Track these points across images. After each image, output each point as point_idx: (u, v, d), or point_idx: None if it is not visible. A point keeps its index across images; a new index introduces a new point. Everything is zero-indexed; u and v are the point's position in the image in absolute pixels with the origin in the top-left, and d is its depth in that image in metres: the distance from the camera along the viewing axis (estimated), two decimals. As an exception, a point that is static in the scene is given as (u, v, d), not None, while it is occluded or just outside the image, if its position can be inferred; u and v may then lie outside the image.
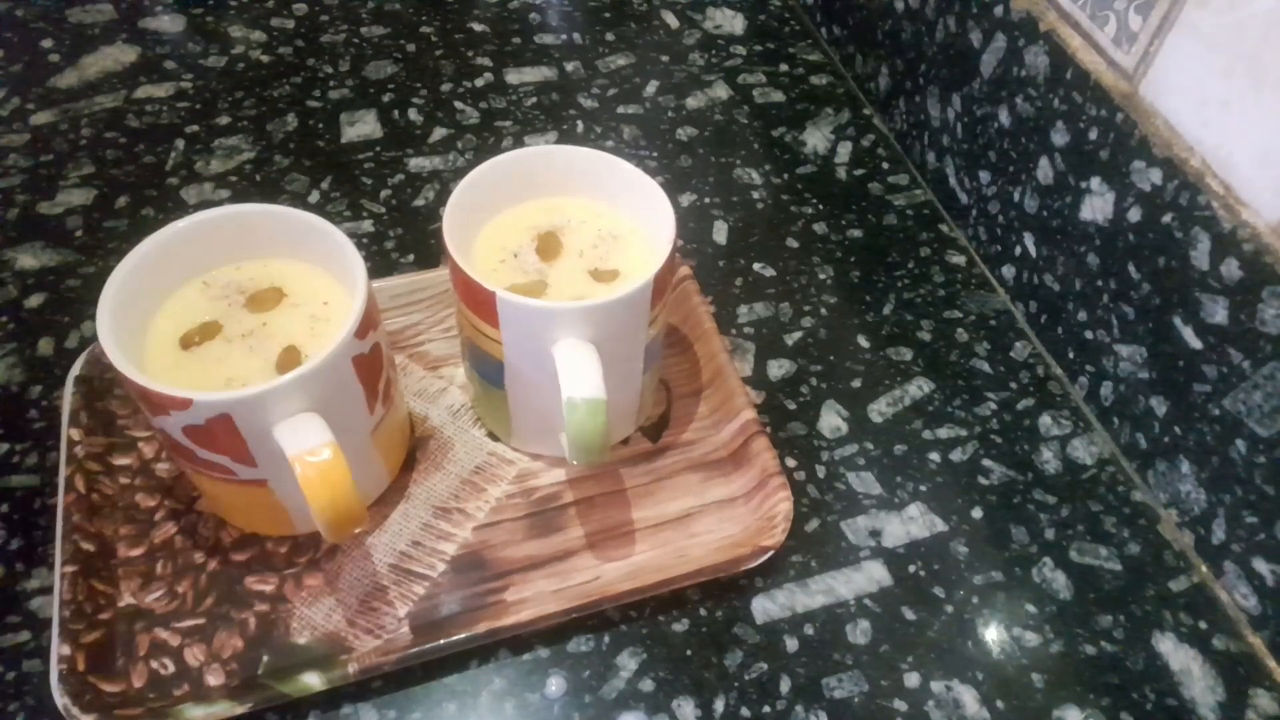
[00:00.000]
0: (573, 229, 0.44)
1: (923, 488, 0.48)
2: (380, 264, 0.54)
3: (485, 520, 0.44)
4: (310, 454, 0.35)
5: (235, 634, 0.40)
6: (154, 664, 0.39)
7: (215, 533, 0.43)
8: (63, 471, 0.42)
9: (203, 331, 0.39)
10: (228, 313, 0.40)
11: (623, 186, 0.44)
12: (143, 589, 0.41)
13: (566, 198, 0.45)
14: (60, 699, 0.36)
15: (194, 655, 0.40)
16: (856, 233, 0.59)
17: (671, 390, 0.50)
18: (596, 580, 0.43)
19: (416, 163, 0.60)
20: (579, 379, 0.37)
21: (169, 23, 0.68)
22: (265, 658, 0.40)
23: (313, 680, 0.38)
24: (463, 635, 0.40)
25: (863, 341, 0.54)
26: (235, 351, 0.39)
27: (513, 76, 0.67)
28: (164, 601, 0.41)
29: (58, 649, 0.37)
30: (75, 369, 0.46)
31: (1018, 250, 0.55)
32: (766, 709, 0.40)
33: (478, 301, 0.39)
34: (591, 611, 0.41)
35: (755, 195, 0.61)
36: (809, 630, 0.43)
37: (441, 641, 0.39)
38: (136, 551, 0.42)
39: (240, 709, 0.37)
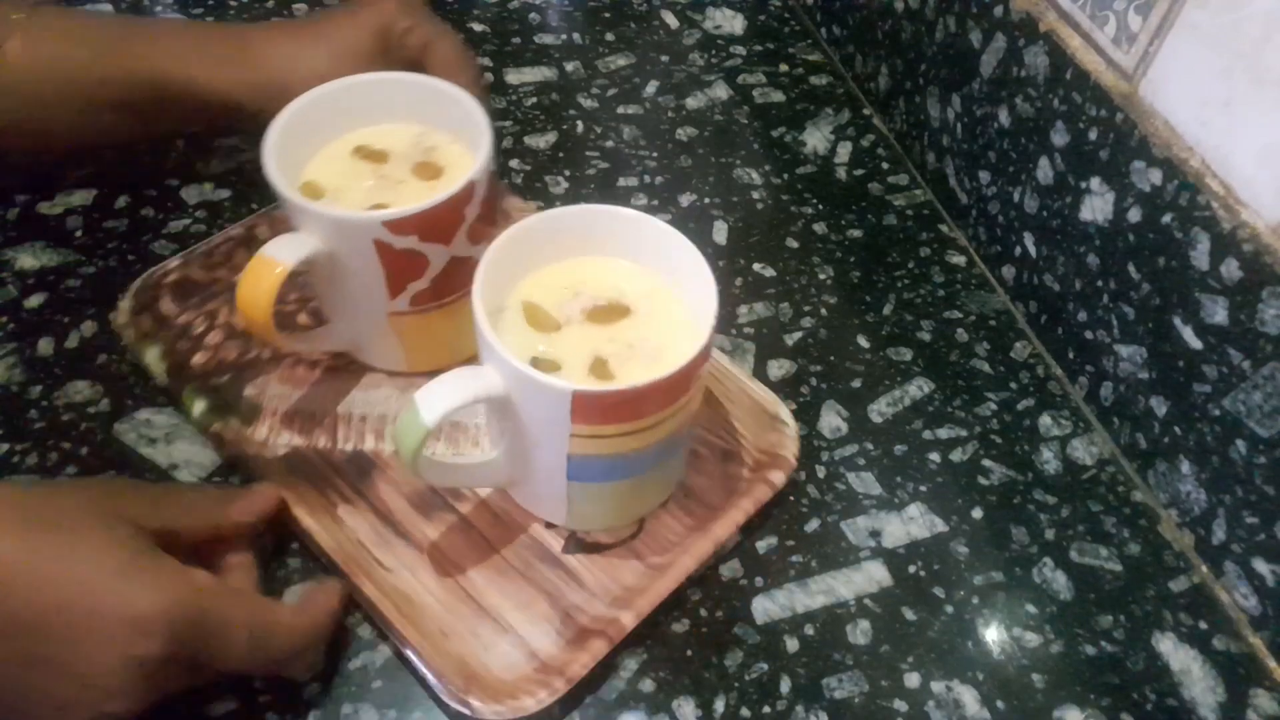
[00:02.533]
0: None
1: (923, 488, 0.48)
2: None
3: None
4: (269, 252, 0.40)
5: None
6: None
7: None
8: None
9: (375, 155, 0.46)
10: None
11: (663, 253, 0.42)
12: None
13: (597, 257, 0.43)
14: None
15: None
16: (856, 233, 0.59)
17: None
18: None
19: (416, 163, 0.60)
20: (436, 393, 0.36)
21: (169, 23, 0.68)
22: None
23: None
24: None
25: (863, 341, 0.54)
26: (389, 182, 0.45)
27: (513, 76, 0.67)
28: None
29: None
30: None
31: (1018, 250, 0.55)
32: (767, 709, 0.40)
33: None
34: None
35: (755, 195, 0.61)
36: (809, 630, 0.43)
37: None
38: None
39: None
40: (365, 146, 0.46)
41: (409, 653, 0.39)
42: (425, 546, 0.43)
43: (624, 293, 0.42)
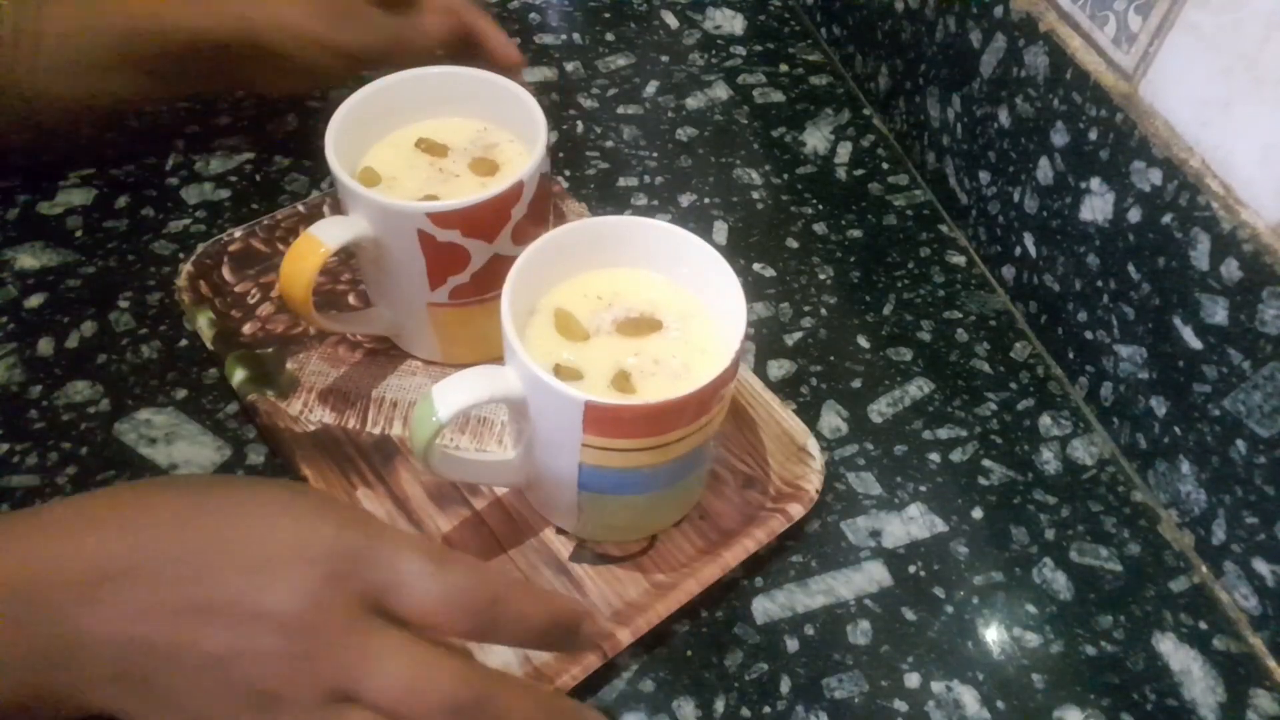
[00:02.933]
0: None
1: (923, 488, 0.48)
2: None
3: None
4: (315, 232, 0.41)
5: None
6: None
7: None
8: None
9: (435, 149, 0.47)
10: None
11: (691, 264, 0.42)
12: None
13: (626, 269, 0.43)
14: None
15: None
16: (856, 233, 0.59)
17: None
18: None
19: (416, 163, 0.60)
20: (453, 389, 0.37)
21: (169, 23, 0.68)
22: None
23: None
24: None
25: (863, 341, 0.54)
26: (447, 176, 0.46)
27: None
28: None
29: None
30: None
31: (1018, 250, 0.55)
32: (767, 709, 0.40)
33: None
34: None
35: (755, 195, 0.61)
36: (809, 630, 0.43)
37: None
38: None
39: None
40: (427, 139, 0.47)
41: None
42: (436, 538, 0.43)
43: (657, 307, 0.41)
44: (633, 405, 0.36)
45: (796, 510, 0.44)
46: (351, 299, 0.52)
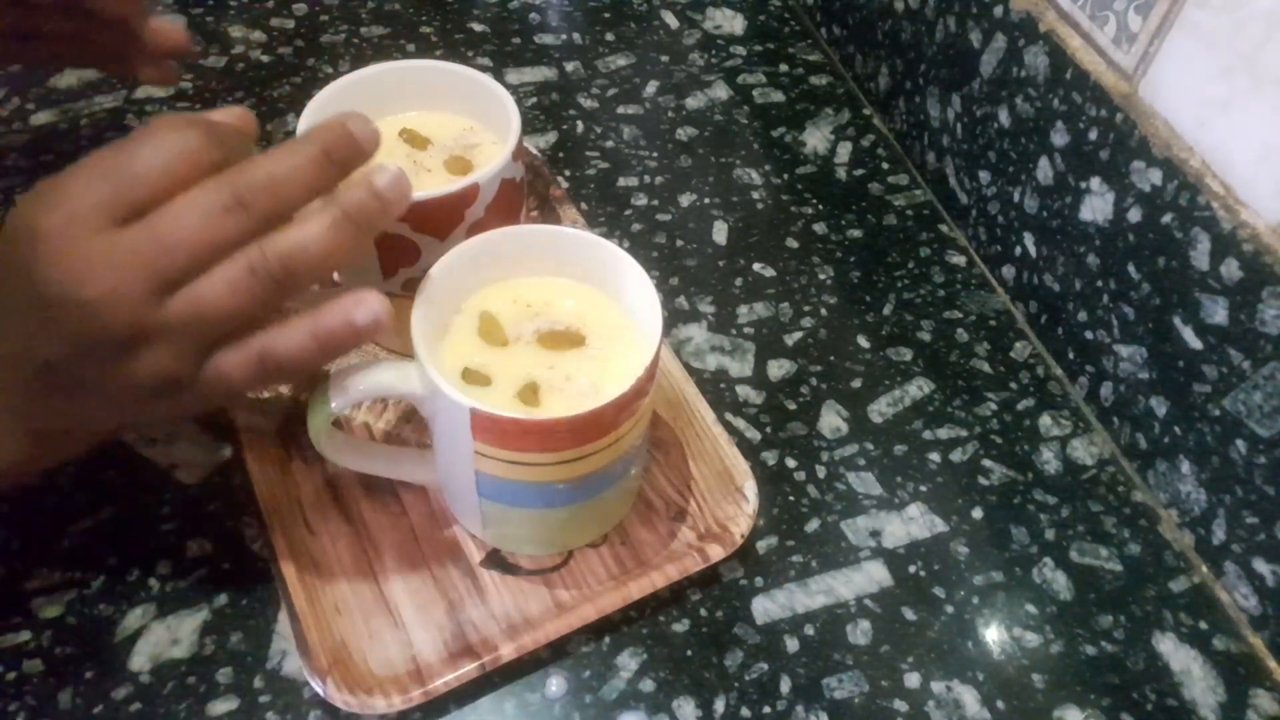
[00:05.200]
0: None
1: (923, 488, 0.48)
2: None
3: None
4: None
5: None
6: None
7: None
8: None
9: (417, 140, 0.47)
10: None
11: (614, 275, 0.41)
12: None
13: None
14: None
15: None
16: (856, 233, 0.59)
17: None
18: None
19: (416, 163, 0.60)
20: (351, 379, 0.36)
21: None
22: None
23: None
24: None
25: (863, 341, 0.54)
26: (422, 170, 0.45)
27: (513, 76, 0.67)
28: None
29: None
30: None
31: (1018, 250, 0.55)
32: (767, 709, 0.40)
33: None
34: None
35: (755, 195, 0.61)
36: (809, 630, 0.43)
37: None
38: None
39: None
40: (411, 130, 0.47)
41: (290, 618, 0.39)
42: (356, 521, 0.43)
43: (585, 323, 0.40)
44: (515, 419, 0.35)
45: (716, 552, 0.42)
46: (336, 276, 0.52)
